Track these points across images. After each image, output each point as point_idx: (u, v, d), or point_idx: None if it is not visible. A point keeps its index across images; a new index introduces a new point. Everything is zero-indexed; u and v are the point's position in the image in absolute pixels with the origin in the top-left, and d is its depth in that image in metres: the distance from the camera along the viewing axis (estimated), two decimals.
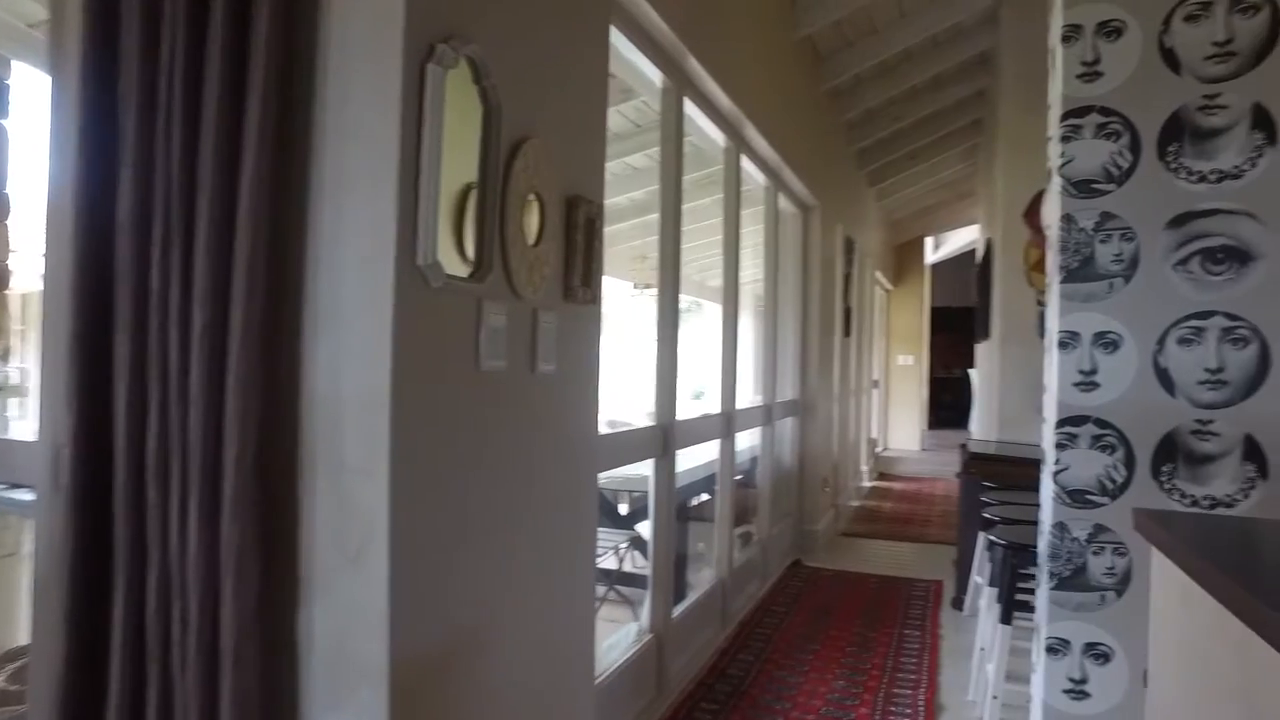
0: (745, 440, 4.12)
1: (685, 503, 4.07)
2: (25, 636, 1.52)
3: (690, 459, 3.58)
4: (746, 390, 4.47)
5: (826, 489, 5.41)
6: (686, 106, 2.90)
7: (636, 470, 2.89)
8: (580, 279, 1.75)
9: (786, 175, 4.32)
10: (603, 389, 1.99)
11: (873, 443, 9.03)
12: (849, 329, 6.27)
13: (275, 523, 1.24)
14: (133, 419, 1.19)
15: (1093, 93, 1.97)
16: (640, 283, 6.14)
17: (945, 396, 13.85)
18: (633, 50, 2.44)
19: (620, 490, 4.21)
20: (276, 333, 1.24)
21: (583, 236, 1.73)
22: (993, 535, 2.47)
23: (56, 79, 1.33)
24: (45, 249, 1.34)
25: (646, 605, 2.81)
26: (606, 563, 3.69)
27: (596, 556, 3.54)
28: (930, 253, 11.63)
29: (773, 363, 4.59)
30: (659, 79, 2.71)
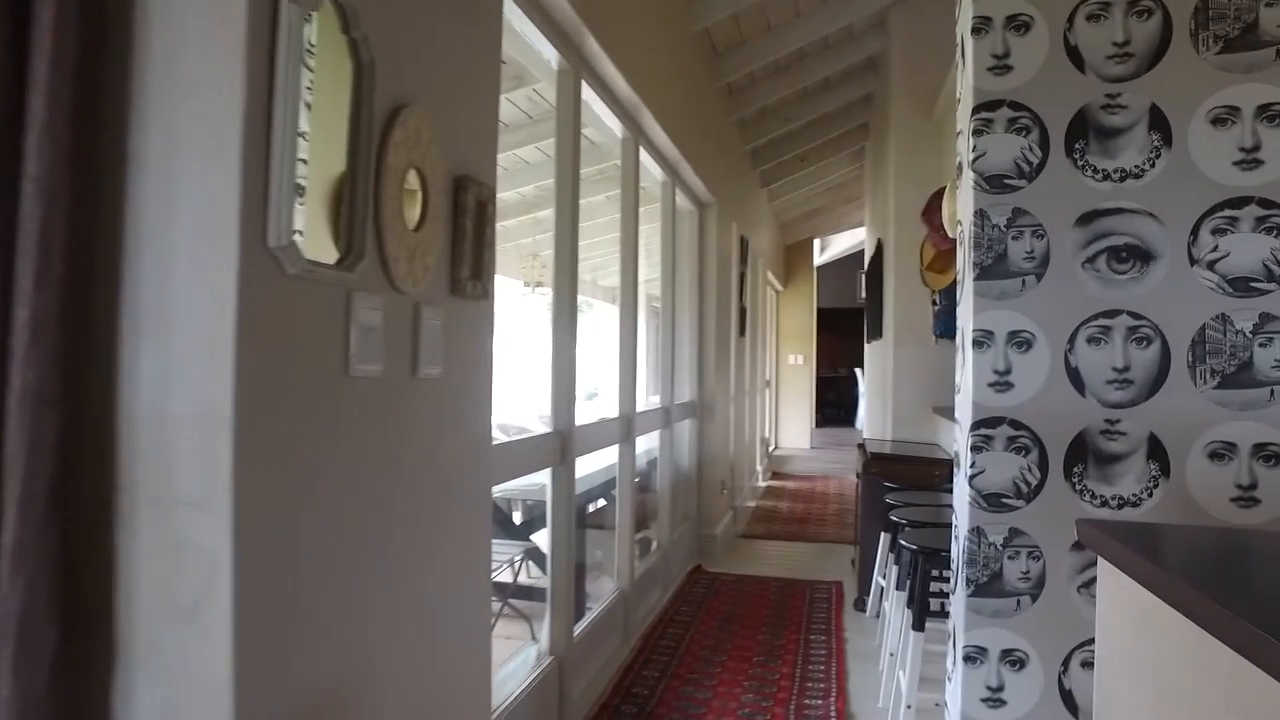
0: (643, 443, 3.98)
1: (583, 508, 3.90)
2: None
3: (588, 463, 3.40)
4: (642, 392, 4.33)
5: (725, 491, 5.35)
6: (584, 92, 2.72)
7: (532, 476, 2.69)
8: (469, 271, 1.54)
9: (685, 171, 4.21)
10: (495, 393, 1.78)
11: (765, 442, 9.12)
12: (744, 329, 6.25)
13: (81, 574, 0.98)
14: None
15: (1003, 86, 1.93)
16: (532, 281, 5.92)
17: (830, 395, 14.41)
18: (528, 25, 2.24)
19: (514, 498, 4.01)
20: (82, 335, 0.98)
21: (472, 222, 1.52)
22: (903, 539, 2.41)
23: None
24: None
25: (546, 626, 2.61)
26: (502, 576, 3.47)
27: (491, 574, 3.33)
28: (817, 255, 11.91)
29: (670, 364, 4.48)
30: (555, 60, 2.52)
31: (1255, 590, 1.00)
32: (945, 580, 2.39)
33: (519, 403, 5.62)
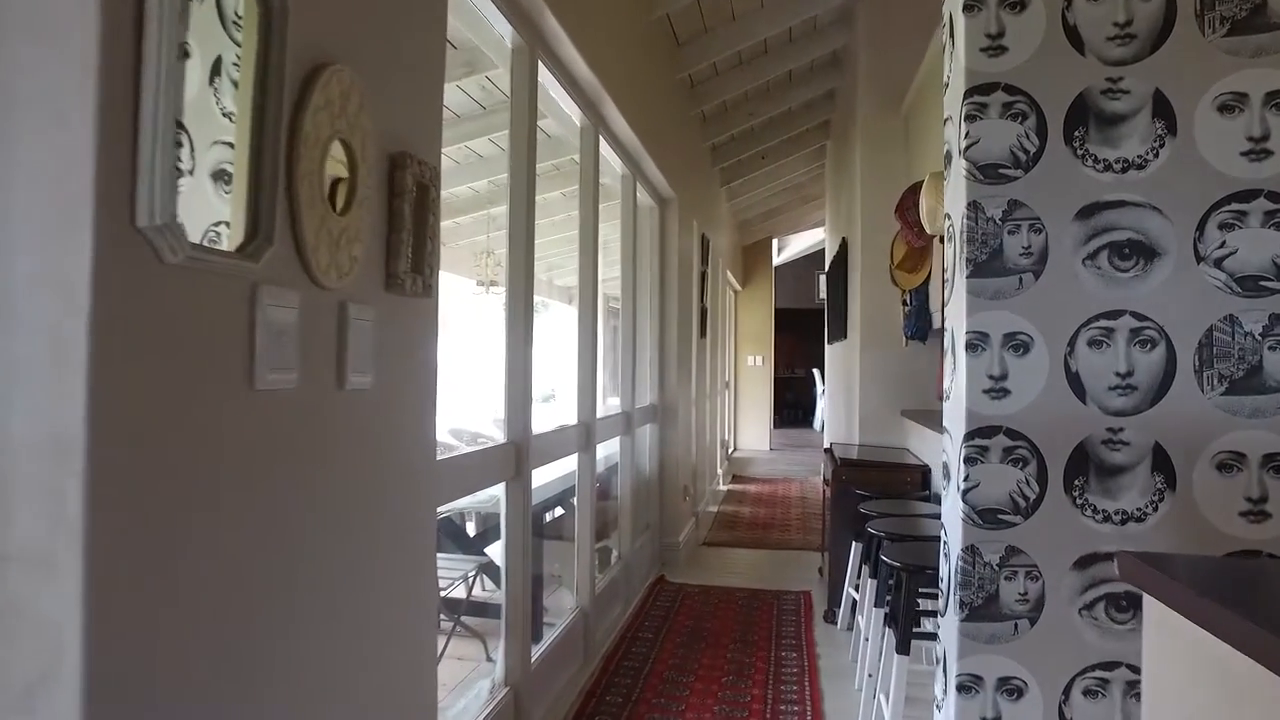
0: (604, 449, 3.78)
1: (540, 517, 3.68)
2: None
3: (546, 470, 3.19)
4: (601, 395, 4.13)
5: (687, 498, 5.18)
6: (541, 74, 2.51)
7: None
8: (409, 263, 1.32)
9: (646, 164, 4.02)
10: (443, 399, 1.57)
11: (725, 445, 8.99)
12: (705, 330, 6.09)
13: None
14: None
15: (997, 68, 1.78)
16: (485, 280, 5.67)
17: (788, 395, 14.44)
18: None
19: (468, 509, 3.77)
20: None
21: (411, 207, 1.30)
22: (884, 555, 2.25)
23: None
24: None
25: (501, 652, 2.40)
26: (455, 592, 3.24)
27: (440, 591, 3.09)
28: (775, 255, 11.84)
29: (631, 366, 4.29)
30: (510, 37, 2.31)
31: None
32: (930, 598, 2.24)
33: (473, 407, 5.37)
